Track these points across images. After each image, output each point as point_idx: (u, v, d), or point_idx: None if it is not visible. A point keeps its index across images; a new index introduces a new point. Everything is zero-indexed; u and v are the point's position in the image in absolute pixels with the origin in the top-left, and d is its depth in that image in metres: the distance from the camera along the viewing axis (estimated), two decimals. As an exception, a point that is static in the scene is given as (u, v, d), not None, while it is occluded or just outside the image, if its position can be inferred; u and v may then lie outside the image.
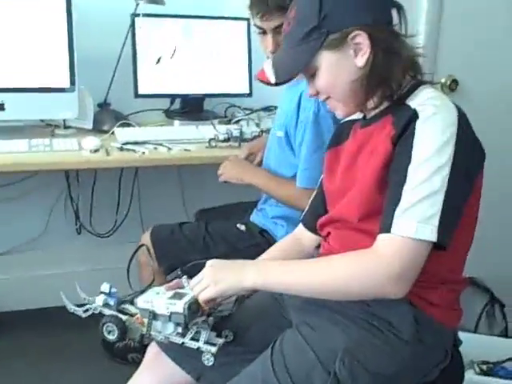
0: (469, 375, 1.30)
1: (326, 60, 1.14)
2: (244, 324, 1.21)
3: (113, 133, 2.15)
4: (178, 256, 1.82)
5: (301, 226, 1.46)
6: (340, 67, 1.14)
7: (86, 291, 2.76)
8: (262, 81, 1.22)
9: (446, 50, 2.25)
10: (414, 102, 1.12)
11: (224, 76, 2.40)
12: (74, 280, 2.35)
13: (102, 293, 1.26)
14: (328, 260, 1.13)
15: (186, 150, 2.04)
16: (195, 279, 1.19)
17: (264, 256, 1.41)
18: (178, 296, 1.19)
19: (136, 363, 2.05)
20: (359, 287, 1.06)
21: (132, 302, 1.24)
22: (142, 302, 1.19)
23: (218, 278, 1.15)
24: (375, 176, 1.12)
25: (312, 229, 1.40)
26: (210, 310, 1.21)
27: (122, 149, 2.02)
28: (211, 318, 1.21)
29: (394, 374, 1.12)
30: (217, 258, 1.68)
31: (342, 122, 1.37)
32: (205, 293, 1.15)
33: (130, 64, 2.30)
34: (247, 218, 1.92)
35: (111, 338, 1.22)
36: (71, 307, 1.28)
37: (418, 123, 1.07)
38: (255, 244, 1.79)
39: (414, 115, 1.08)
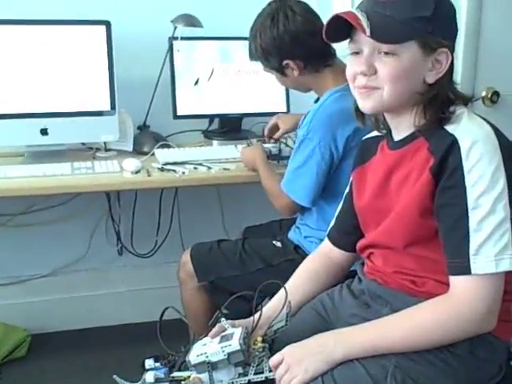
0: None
1: (413, 52, 1.10)
2: (293, 342, 1.20)
3: (153, 154, 2.18)
4: (216, 271, 1.86)
5: (327, 241, 1.45)
6: (416, 68, 1.12)
7: (129, 311, 2.78)
8: (338, 20, 1.10)
9: (486, 62, 2.21)
10: (450, 127, 1.11)
11: (261, 95, 2.41)
12: (117, 300, 2.38)
13: (148, 370, 1.20)
14: (409, 315, 1.11)
15: (225, 169, 2.05)
16: (279, 370, 1.13)
17: (292, 280, 1.39)
18: (226, 338, 1.17)
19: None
20: (449, 336, 1.08)
21: (180, 369, 1.20)
22: (194, 357, 1.15)
23: (305, 366, 1.11)
24: (417, 204, 1.12)
25: (340, 245, 1.41)
26: (264, 337, 1.19)
27: (162, 169, 2.04)
28: (267, 339, 1.19)
29: None
30: (252, 273, 1.79)
31: (364, 138, 1.37)
32: (294, 382, 1.11)
33: (168, 86, 2.33)
34: (285, 235, 1.92)
35: None
36: None
37: (463, 155, 1.06)
38: (290, 259, 1.79)
39: (454, 143, 1.07)
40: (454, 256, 1.07)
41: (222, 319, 1.23)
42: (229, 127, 2.44)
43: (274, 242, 1.89)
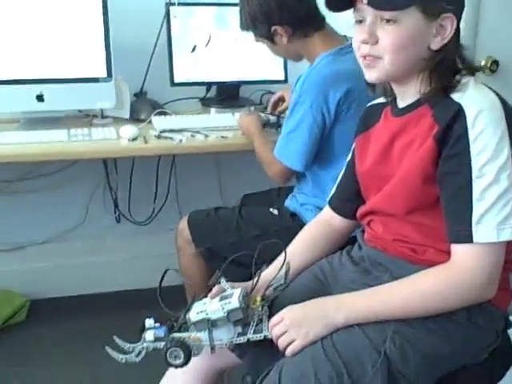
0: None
1: (415, 19, 1.09)
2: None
3: (150, 121, 2.17)
4: (213, 238, 1.87)
5: (328, 208, 1.46)
6: (419, 35, 1.10)
7: (127, 278, 2.80)
8: None
9: (486, 31, 2.19)
10: (455, 96, 1.11)
11: (259, 63, 2.39)
12: (114, 267, 2.39)
13: (148, 329, 1.19)
14: (410, 282, 1.12)
15: (222, 137, 2.05)
16: (277, 330, 1.14)
17: (290, 249, 1.38)
18: (226, 297, 1.17)
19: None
20: (449, 303, 1.09)
21: (179, 329, 1.19)
22: (194, 314, 1.16)
23: (306, 329, 1.12)
24: (420, 170, 1.12)
25: (341, 212, 1.41)
26: (263, 296, 1.20)
27: (159, 137, 2.03)
28: (266, 299, 1.20)
29: (446, 356, 1.12)
30: (249, 240, 1.77)
31: (368, 105, 1.37)
32: (294, 346, 1.12)
33: (165, 53, 2.31)
34: (282, 202, 1.93)
35: (178, 362, 1.14)
36: (122, 357, 1.17)
37: (469, 123, 1.06)
38: (286, 227, 1.80)
39: (460, 112, 1.07)
40: (455, 224, 1.08)
41: (222, 280, 1.24)
42: (226, 95, 2.43)
43: (271, 210, 1.90)
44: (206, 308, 1.16)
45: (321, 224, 1.45)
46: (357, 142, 1.36)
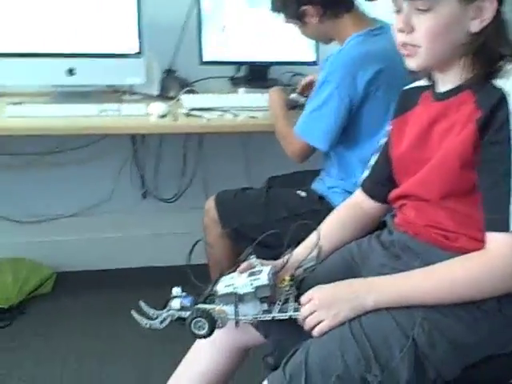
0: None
1: (450, 7, 1.07)
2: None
3: (178, 99, 2.17)
4: (240, 218, 1.87)
5: (360, 191, 1.44)
6: (456, 21, 1.09)
7: (151, 255, 2.82)
8: None
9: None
10: (498, 82, 1.08)
11: (289, 44, 2.37)
12: (140, 243, 2.41)
13: (174, 297, 1.19)
14: (442, 269, 1.12)
15: (251, 117, 2.04)
16: (305, 309, 1.14)
17: (324, 226, 1.38)
18: (255, 273, 1.17)
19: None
20: (481, 291, 1.08)
21: (205, 301, 1.19)
22: (222, 287, 1.16)
23: (335, 311, 1.12)
24: (459, 155, 1.10)
25: (373, 195, 1.40)
26: (292, 276, 1.20)
27: (188, 115, 2.03)
28: (295, 279, 1.20)
29: (474, 344, 1.11)
30: (276, 221, 1.77)
31: (404, 89, 1.35)
32: (322, 326, 1.12)
33: (196, 31, 2.30)
34: (309, 185, 1.93)
35: (202, 332, 1.13)
36: (146, 322, 1.18)
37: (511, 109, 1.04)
38: (314, 210, 1.79)
39: (502, 98, 1.05)
40: (492, 212, 1.07)
41: (252, 256, 1.24)
42: (256, 75, 2.42)
43: (299, 192, 1.89)
44: (233, 282, 1.17)
45: (351, 207, 1.44)
46: (393, 125, 1.34)
